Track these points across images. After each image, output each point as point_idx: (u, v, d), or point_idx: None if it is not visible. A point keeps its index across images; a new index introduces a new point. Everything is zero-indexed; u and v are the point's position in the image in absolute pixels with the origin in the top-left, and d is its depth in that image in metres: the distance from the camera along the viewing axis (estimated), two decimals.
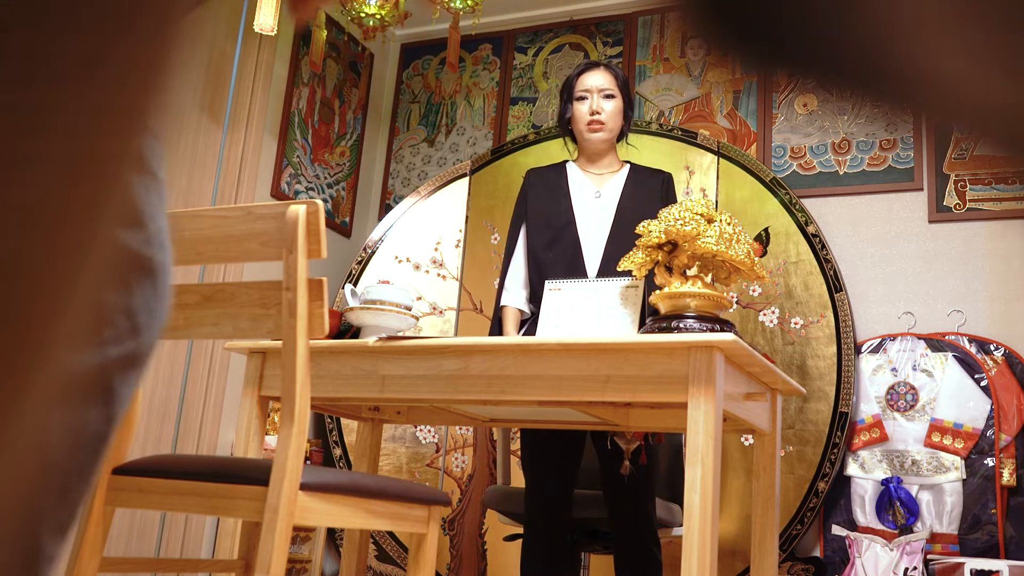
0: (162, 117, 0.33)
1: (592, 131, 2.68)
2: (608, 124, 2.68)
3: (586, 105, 2.69)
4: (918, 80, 0.26)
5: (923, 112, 0.27)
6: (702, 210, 2.09)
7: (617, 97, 2.70)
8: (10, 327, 0.30)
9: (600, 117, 2.67)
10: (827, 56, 0.27)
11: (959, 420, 3.35)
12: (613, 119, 2.69)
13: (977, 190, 3.63)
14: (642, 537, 2.51)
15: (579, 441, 2.61)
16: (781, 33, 0.27)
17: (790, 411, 3.55)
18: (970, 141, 3.64)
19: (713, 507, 1.75)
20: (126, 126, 0.30)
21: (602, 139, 2.69)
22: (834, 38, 0.26)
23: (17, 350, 0.31)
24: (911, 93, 0.27)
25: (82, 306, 0.32)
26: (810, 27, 0.26)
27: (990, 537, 3.20)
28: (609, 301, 2.24)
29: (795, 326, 3.62)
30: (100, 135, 0.30)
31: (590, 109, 2.68)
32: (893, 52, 0.26)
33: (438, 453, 4.05)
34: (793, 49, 0.27)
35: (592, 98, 2.68)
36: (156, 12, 0.30)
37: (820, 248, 3.66)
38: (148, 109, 0.31)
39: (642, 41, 4.38)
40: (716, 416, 1.77)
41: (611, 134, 2.70)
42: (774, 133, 3.99)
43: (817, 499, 3.45)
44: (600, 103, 2.67)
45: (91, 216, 0.30)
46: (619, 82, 2.72)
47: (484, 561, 3.89)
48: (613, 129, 2.70)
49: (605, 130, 2.68)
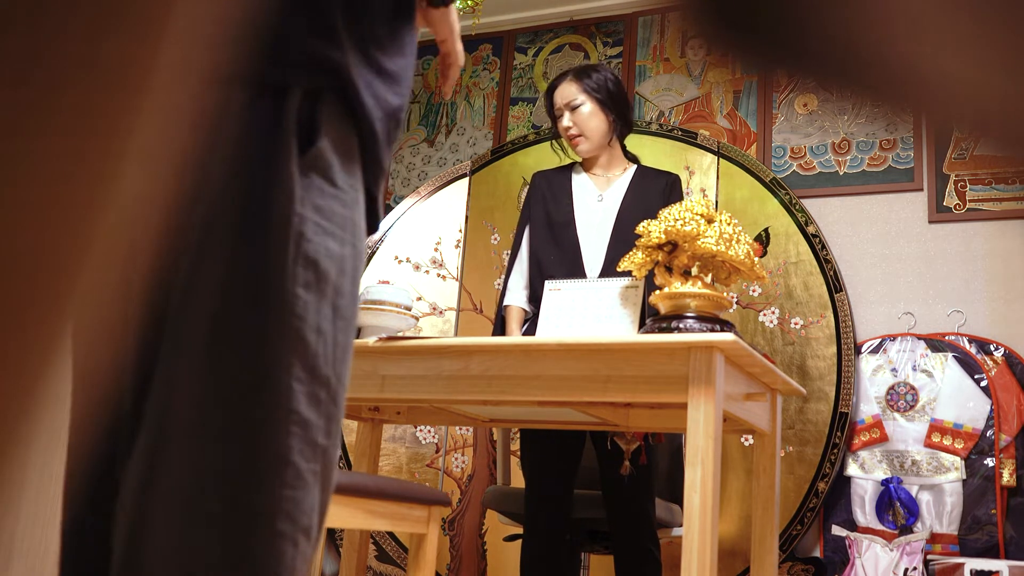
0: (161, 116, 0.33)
1: (574, 145, 2.69)
2: (585, 133, 2.65)
3: (561, 123, 2.70)
4: (918, 80, 0.26)
5: (923, 112, 0.27)
6: (702, 210, 2.09)
7: (586, 103, 2.65)
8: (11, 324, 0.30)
9: (573, 131, 2.66)
10: (827, 56, 0.27)
11: (959, 420, 3.34)
12: (587, 126, 2.64)
13: (977, 190, 3.63)
14: (642, 537, 2.51)
15: (579, 441, 2.61)
16: (781, 33, 0.27)
17: (790, 411, 3.55)
18: (970, 141, 3.64)
19: (713, 507, 1.75)
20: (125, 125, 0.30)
21: (585, 149, 2.68)
22: (834, 38, 0.26)
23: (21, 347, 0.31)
24: (911, 93, 0.26)
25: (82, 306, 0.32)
26: (810, 27, 0.26)
27: (990, 537, 3.20)
28: (609, 301, 2.24)
29: (795, 326, 3.62)
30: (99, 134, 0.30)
31: (563, 127, 2.68)
32: (893, 52, 0.26)
33: (438, 453, 4.05)
34: (793, 49, 0.27)
35: (564, 115, 2.68)
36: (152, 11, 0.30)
37: (820, 248, 3.66)
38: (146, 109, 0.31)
39: (642, 41, 4.38)
40: (716, 416, 1.77)
41: (593, 140, 2.66)
42: (774, 133, 3.99)
43: (817, 499, 3.45)
44: (569, 118, 2.66)
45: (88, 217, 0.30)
46: (586, 88, 2.66)
47: (484, 561, 3.89)
48: (593, 135, 2.65)
49: (584, 140, 2.66)
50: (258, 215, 0.83)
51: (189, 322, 0.82)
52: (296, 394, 0.82)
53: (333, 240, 0.87)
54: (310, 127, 0.86)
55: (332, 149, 0.88)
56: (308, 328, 0.84)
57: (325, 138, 0.87)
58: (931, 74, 0.26)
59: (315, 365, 0.85)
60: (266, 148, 0.84)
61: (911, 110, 0.27)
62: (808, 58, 0.27)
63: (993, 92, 0.25)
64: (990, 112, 0.26)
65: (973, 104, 0.26)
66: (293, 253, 0.83)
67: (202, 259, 0.83)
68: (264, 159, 0.84)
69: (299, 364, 0.83)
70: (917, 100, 0.27)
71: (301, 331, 0.83)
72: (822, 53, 0.27)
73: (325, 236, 0.86)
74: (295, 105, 0.86)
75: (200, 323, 0.82)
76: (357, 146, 0.92)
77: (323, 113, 0.87)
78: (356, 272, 0.91)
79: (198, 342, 0.81)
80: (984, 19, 0.25)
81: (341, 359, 0.89)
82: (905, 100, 0.27)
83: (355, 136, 0.91)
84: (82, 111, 0.30)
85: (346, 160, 0.90)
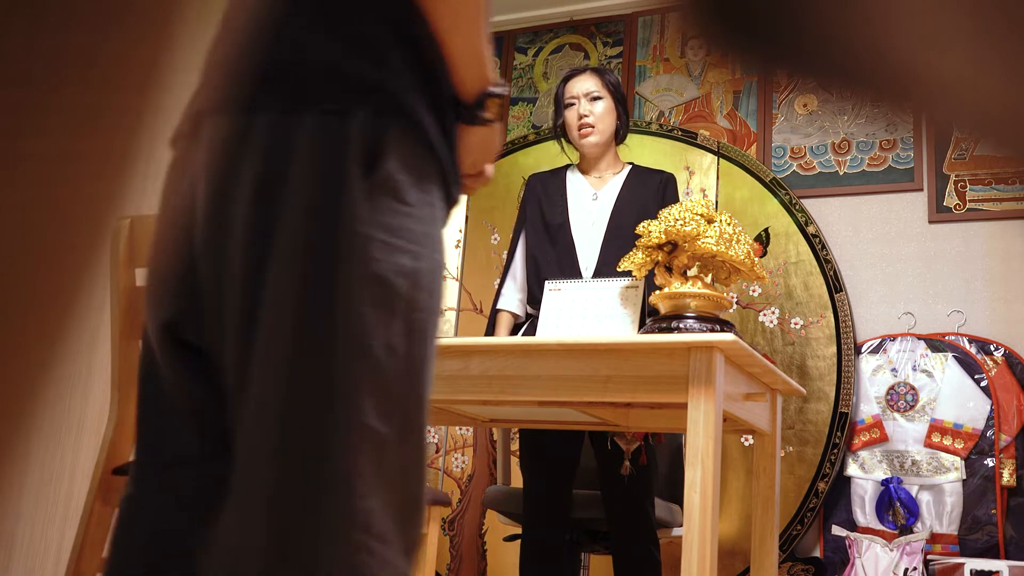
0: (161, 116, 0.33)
1: (583, 136, 2.69)
2: (598, 126, 2.68)
3: (574, 111, 2.70)
4: (918, 80, 0.26)
5: (923, 112, 0.27)
6: (702, 210, 2.09)
7: (605, 98, 2.69)
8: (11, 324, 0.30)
9: (589, 120, 2.67)
10: (827, 56, 0.27)
11: (959, 420, 3.34)
12: (602, 120, 2.68)
13: (977, 190, 3.63)
14: (641, 537, 2.51)
15: (578, 441, 2.61)
16: (781, 33, 0.27)
17: (790, 411, 3.55)
18: (970, 141, 3.64)
19: (713, 507, 1.75)
20: (125, 125, 0.30)
21: (593, 142, 2.69)
22: (834, 38, 0.26)
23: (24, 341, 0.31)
24: (911, 93, 0.26)
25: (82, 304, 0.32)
26: (810, 27, 0.26)
27: (990, 537, 3.20)
28: (609, 301, 2.24)
29: (795, 326, 3.62)
30: (99, 134, 0.30)
31: (578, 114, 2.68)
32: (893, 52, 0.26)
33: (438, 453, 4.05)
34: (793, 49, 0.27)
35: (580, 103, 2.69)
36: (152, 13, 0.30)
37: (820, 248, 3.66)
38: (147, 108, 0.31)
39: (642, 41, 4.38)
40: (716, 416, 1.77)
41: (603, 136, 2.69)
42: (774, 133, 3.99)
43: (817, 499, 3.45)
44: (587, 106, 2.68)
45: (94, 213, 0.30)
46: (607, 83, 2.71)
47: (484, 561, 3.89)
48: (604, 131, 2.69)
49: (595, 132, 2.68)
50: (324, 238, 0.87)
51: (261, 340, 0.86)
52: (367, 408, 0.86)
53: (406, 256, 0.90)
54: (375, 150, 0.89)
55: (401, 169, 0.91)
56: (378, 344, 0.87)
57: (392, 159, 0.90)
58: (931, 74, 0.26)
59: (386, 380, 0.88)
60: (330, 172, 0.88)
61: (911, 110, 0.27)
62: (808, 58, 0.27)
63: (993, 92, 0.25)
64: (990, 112, 0.26)
65: (973, 104, 0.26)
66: (359, 273, 0.87)
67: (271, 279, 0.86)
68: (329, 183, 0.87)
69: (369, 380, 0.86)
70: (917, 100, 0.27)
71: (371, 348, 0.87)
72: (822, 53, 0.27)
73: (396, 253, 0.89)
74: (359, 128, 0.89)
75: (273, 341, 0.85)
76: (430, 162, 0.95)
77: (389, 135, 0.91)
78: (434, 284, 0.94)
79: (270, 359, 0.85)
80: (984, 19, 0.25)
81: (418, 371, 0.92)
82: (905, 100, 0.27)
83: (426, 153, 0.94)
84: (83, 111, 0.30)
85: (419, 177, 0.93)
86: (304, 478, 0.83)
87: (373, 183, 0.89)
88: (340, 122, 0.89)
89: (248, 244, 0.87)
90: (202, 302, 0.92)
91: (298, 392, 0.85)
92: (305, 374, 0.85)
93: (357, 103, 0.90)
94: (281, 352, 0.85)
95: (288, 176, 0.87)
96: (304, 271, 0.86)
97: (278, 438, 0.84)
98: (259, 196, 0.87)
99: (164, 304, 0.95)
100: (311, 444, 0.84)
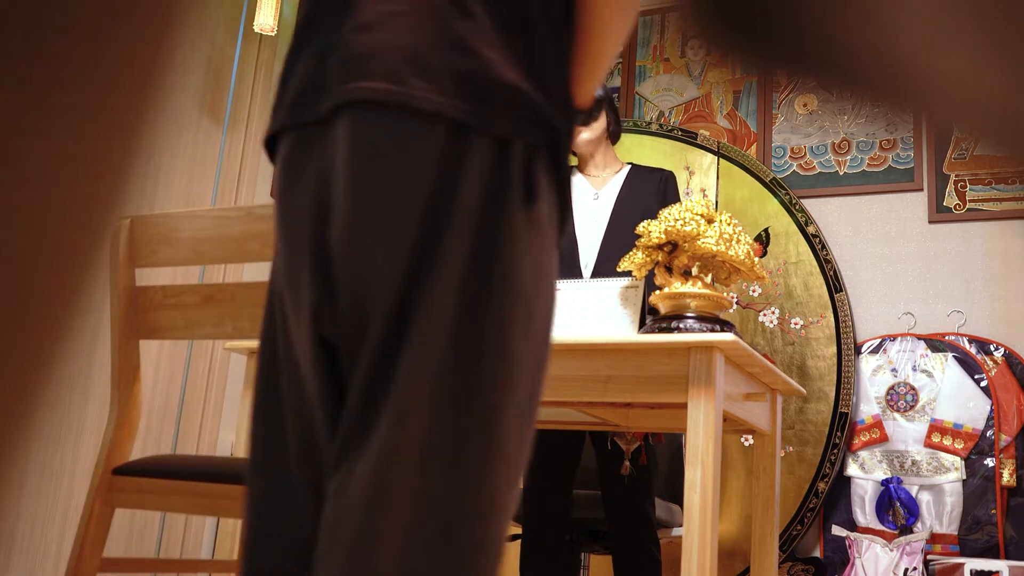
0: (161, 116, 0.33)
1: None
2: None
3: None
4: (918, 80, 0.26)
5: (923, 112, 0.27)
6: (702, 210, 2.09)
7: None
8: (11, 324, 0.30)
9: None
10: (827, 56, 0.27)
11: (959, 420, 3.35)
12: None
13: (977, 190, 3.63)
14: (641, 537, 2.51)
15: (578, 441, 2.61)
16: (781, 33, 0.27)
17: (790, 411, 3.55)
18: (970, 141, 3.64)
19: (713, 507, 1.75)
20: (126, 125, 0.30)
21: (585, 139, 2.71)
22: (834, 38, 0.26)
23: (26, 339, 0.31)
24: (911, 93, 0.27)
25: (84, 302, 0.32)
26: (810, 27, 0.26)
27: (990, 537, 3.20)
28: (609, 301, 2.24)
29: (795, 326, 3.62)
30: (100, 135, 0.30)
31: None
32: (893, 52, 0.26)
33: None
34: (793, 49, 0.27)
35: None
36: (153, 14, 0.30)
37: (820, 248, 3.67)
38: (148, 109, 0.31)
39: (642, 41, 4.38)
40: (716, 416, 1.77)
41: (593, 132, 2.71)
42: (774, 133, 3.99)
43: (817, 499, 3.45)
44: None
45: (91, 217, 0.30)
46: None
47: None
48: (595, 127, 2.71)
49: (586, 128, 2.70)
50: (485, 268, 0.88)
51: (416, 360, 0.86)
52: (508, 437, 0.88)
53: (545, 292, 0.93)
54: (531, 181, 0.91)
55: (547, 202, 0.94)
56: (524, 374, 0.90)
57: (543, 192, 0.93)
58: (931, 74, 0.26)
59: (523, 409, 0.91)
60: (497, 199, 0.89)
61: (911, 109, 0.27)
62: (808, 58, 0.27)
63: (993, 92, 0.25)
64: (990, 112, 0.26)
65: (973, 104, 0.26)
66: (520, 308, 0.89)
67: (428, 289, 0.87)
68: (494, 212, 0.89)
69: (512, 409, 0.89)
70: (917, 100, 0.27)
71: (519, 377, 0.89)
72: (822, 53, 0.27)
73: (539, 287, 0.92)
74: (519, 158, 0.90)
75: (427, 363, 0.86)
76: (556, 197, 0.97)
77: (539, 167, 0.92)
78: (552, 317, 0.97)
79: (425, 380, 0.86)
80: (984, 19, 0.25)
81: (536, 407, 0.94)
82: (905, 100, 0.27)
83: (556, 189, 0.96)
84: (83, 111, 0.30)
85: (552, 211, 0.96)
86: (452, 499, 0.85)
87: (530, 216, 0.91)
88: (508, 147, 0.90)
89: (410, 252, 0.87)
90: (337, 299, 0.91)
91: (451, 416, 0.86)
92: (459, 399, 0.86)
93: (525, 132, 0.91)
94: (437, 375, 0.86)
95: (458, 193, 0.87)
96: (463, 296, 0.87)
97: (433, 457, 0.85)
98: (429, 207, 0.87)
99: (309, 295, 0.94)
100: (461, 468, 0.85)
